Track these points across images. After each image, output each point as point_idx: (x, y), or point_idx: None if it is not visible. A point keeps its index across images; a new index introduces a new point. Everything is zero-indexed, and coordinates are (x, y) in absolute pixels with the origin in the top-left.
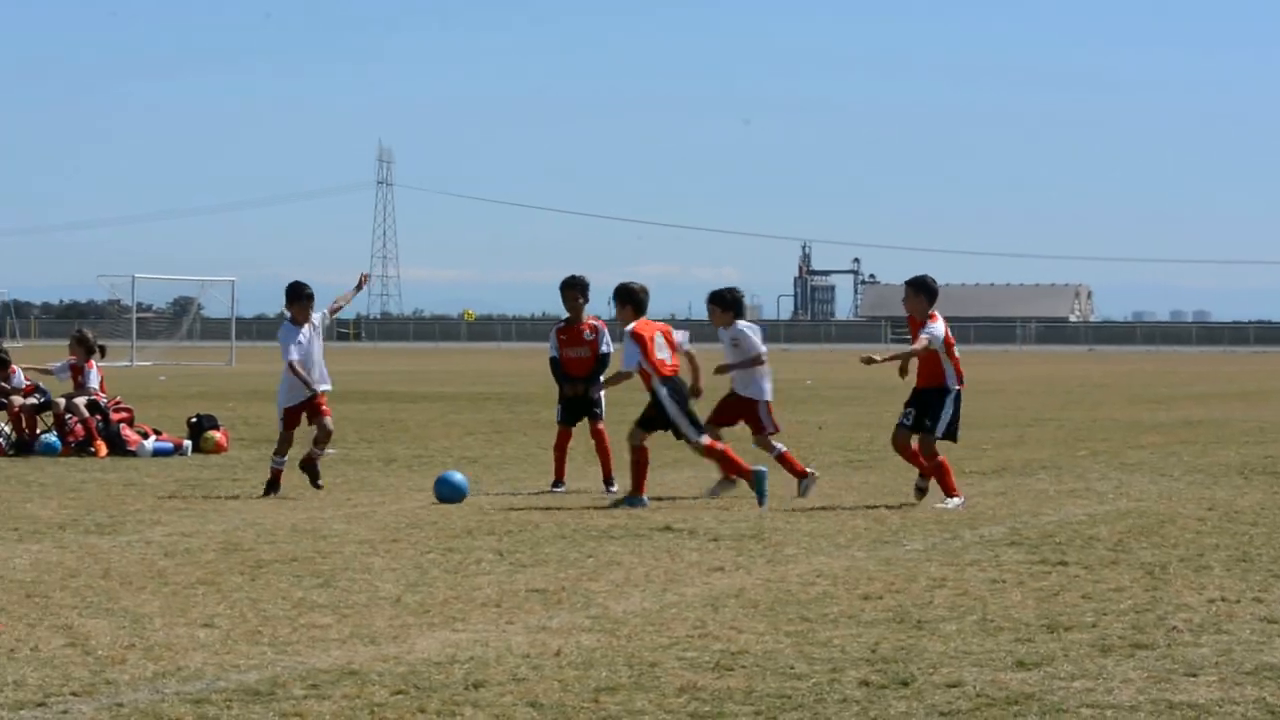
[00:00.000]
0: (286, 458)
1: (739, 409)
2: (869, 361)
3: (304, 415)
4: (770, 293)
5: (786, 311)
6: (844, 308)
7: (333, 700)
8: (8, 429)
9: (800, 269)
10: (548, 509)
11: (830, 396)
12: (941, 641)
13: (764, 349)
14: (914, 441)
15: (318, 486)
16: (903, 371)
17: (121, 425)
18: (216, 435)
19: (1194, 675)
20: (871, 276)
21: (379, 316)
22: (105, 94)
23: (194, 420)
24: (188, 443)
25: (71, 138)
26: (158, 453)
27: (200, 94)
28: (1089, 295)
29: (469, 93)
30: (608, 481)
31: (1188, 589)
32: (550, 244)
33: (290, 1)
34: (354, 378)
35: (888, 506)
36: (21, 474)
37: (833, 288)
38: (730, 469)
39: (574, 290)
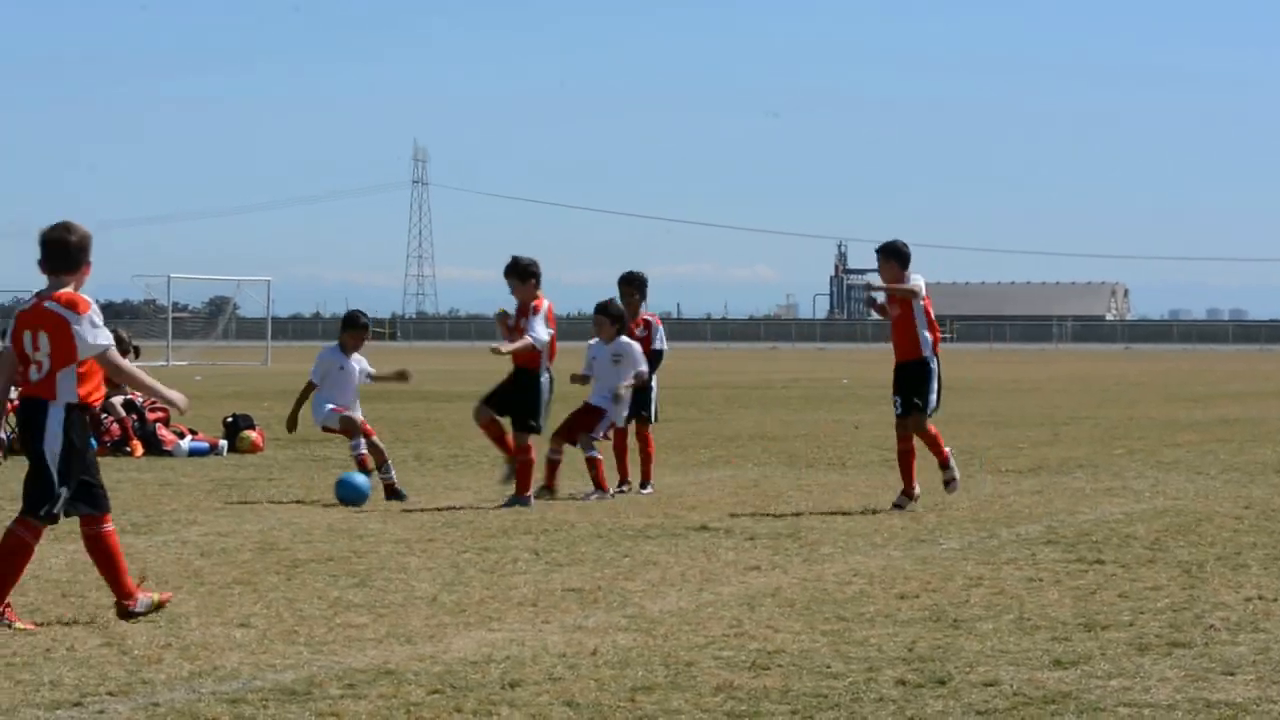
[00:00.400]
0: (361, 440)
1: (589, 417)
2: (871, 301)
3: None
4: (806, 292)
5: (822, 310)
6: None
7: (369, 700)
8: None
9: (836, 268)
10: (583, 508)
11: (866, 396)
12: (978, 640)
13: (644, 366)
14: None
15: (400, 497)
16: (881, 311)
17: (157, 425)
18: (252, 435)
19: (1231, 674)
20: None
21: (414, 316)
22: (138, 92)
23: (230, 420)
24: (223, 442)
25: (105, 136)
26: (193, 452)
27: (235, 93)
28: (1125, 294)
29: (504, 91)
30: (644, 483)
31: (1225, 587)
32: (586, 243)
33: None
34: None
35: (923, 506)
36: None
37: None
38: (528, 478)
39: (631, 286)
